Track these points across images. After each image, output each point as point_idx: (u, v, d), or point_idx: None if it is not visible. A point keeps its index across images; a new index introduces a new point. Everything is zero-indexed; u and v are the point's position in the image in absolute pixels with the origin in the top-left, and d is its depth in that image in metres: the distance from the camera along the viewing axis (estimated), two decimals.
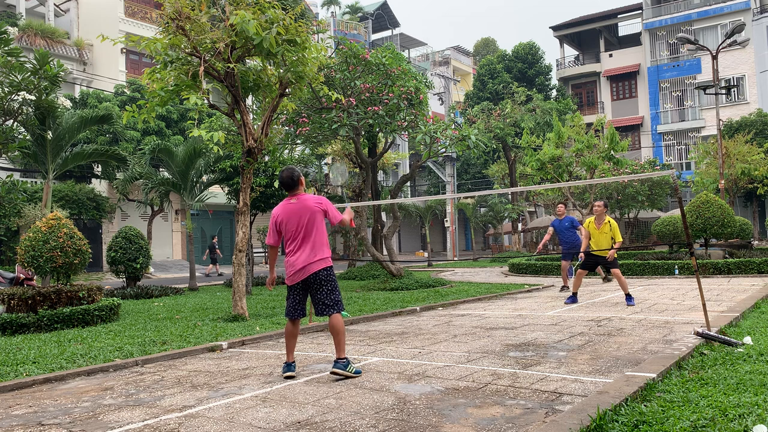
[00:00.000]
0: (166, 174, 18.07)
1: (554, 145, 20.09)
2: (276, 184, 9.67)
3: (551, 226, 12.79)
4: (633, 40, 44.33)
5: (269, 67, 9.25)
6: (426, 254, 36.88)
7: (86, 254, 9.92)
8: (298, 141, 17.13)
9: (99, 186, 27.07)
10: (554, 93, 43.10)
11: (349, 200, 24.59)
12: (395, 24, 49.82)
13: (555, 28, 45.44)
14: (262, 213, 17.29)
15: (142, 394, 4.91)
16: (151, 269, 25.24)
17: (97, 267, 25.81)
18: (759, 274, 14.40)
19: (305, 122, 15.24)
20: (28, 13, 31.51)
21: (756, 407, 3.63)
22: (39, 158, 14.36)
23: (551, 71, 43.51)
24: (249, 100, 12.97)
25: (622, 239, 10.55)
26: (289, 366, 5.34)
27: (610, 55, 43.46)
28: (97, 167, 25.26)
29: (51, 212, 11.01)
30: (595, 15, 44.76)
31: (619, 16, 44.13)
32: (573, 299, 10.59)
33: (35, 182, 24.24)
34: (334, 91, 10.51)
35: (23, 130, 14.52)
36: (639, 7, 42.41)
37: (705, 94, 31.48)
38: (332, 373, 5.07)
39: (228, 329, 8.09)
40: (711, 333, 5.99)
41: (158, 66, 8.81)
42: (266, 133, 9.45)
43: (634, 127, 41.80)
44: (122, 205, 26.15)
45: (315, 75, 9.19)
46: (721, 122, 25.02)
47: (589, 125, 29.74)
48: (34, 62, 12.77)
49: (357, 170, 22.47)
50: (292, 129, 16.24)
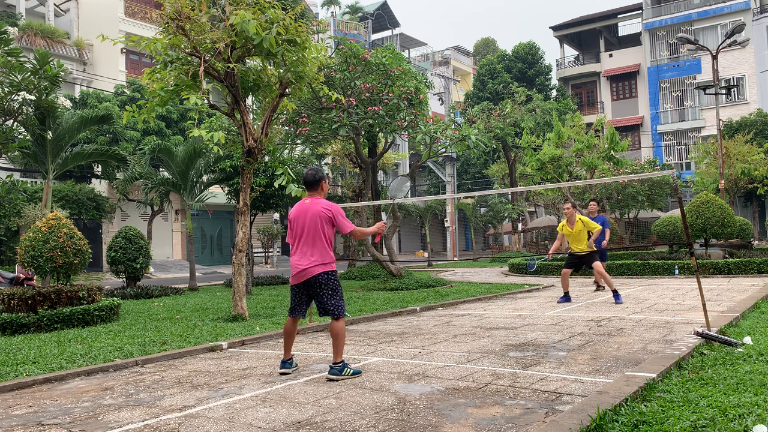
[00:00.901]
0: (166, 174, 18.07)
1: (554, 145, 20.09)
2: (276, 184, 9.67)
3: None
4: (633, 40, 44.33)
5: (269, 67, 9.25)
6: (426, 254, 36.88)
7: (86, 254, 9.92)
8: (298, 141, 17.13)
9: (99, 186, 27.07)
10: (554, 93, 43.11)
11: (349, 200, 24.58)
12: (395, 24, 49.83)
13: (555, 28, 45.44)
14: (262, 213, 17.29)
15: (142, 394, 4.91)
16: (151, 269, 25.25)
17: (97, 267, 25.82)
18: (759, 274, 14.40)
19: (305, 122, 15.24)
20: (28, 13, 31.52)
21: (756, 407, 3.63)
22: (39, 158, 14.35)
23: (551, 71, 43.52)
24: (249, 100, 12.97)
25: (601, 227, 10.61)
26: (285, 363, 5.47)
27: (610, 55, 43.46)
28: (97, 167, 25.26)
29: (51, 212, 11.00)
30: (595, 15, 44.76)
31: (619, 16, 44.13)
32: (566, 298, 10.60)
33: (35, 182, 24.24)
34: (334, 91, 10.51)
35: (23, 130, 14.52)
36: (639, 7, 42.40)
37: (705, 94, 31.48)
38: (328, 380, 5.10)
39: (228, 329, 8.09)
40: (711, 333, 5.99)
41: (158, 66, 8.81)
42: (266, 133, 9.45)
43: (634, 127, 41.80)
44: (122, 205, 26.15)
45: (315, 75, 9.18)
46: (721, 122, 25.01)
47: (589, 125, 29.74)
48: (34, 62, 12.77)
49: (357, 170, 22.46)
50: (292, 129, 16.24)
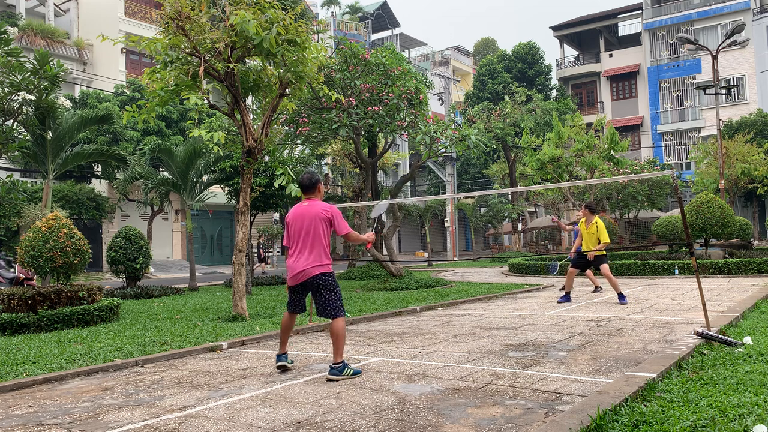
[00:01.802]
0: (166, 174, 18.07)
1: (554, 145, 20.09)
2: (276, 184, 9.67)
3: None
4: (633, 40, 44.33)
5: (269, 67, 9.25)
6: (426, 254, 36.87)
7: (86, 254, 9.92)
8: (298, 141, 17.14)
9: (99, 186, 27.06)
10: (554, 93, 43.10)
11: (349, 200, 24.57)
12: (395, 24, 49.83)
13: (555, 28, 45.44)
14: (262, 213, 17.29)
15: (142, 394, 4.91)
16: (151, 269, 25.23)
17: (97, 267, 25.81)
18: (759, 274, 14.40)
19: (305, 122, 15.24)
20: (28, 13, 31.51)
21: (756, 407, 3.63)
22: (39, 158, 14.35)
23: (551, 71, 43.52)
24: (249, 100, 12.97)
25: (609, 241, 10.59)
26: (280, 357, 5.53)
27: (610, 55, 43.45)
28: (97, 167, 25.25)
29: (51, 212, 11.00)
30: (595, 15, 44.76)
31: (619, 16, 44.13)
32: (566, 298, 10.61)
33: (35, 182, 24.23)
34: (334, 91, 10.51)
35: (23, 130, 14.51)
36: (639, 7, 42.40)
37: (705, 94, 31.47)
38: (328, 380, 5.10)
39: (228, 329, 8.09)
40: (711, 333, 5.99)
41: (158, 66, 8.81)
42: (266, 133, 9.45)
43: (634, 127, 41.80)
44: (122, 205, 26.14)
45: (315, 75, 9.19)
46: (721, 122, 25.01)
47: (589, 125, 29.75)
48: (34, 62, 12.76)
49: (357, 170, 22.46)
50: (292, 129, 16.25)
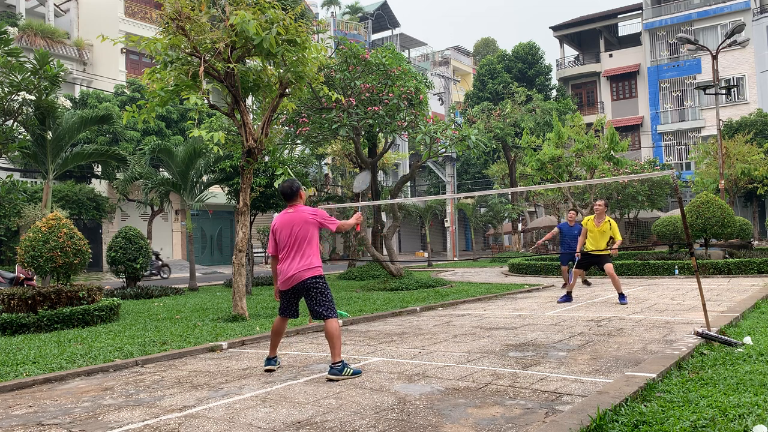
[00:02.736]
0: (166, 174, 18.07)
1: (554, 145, 20.08)
2: (276, 184, 9.69)
3: (558, 228, 13.18)
4: (633, 40, 44.32)
5: (269, 67, 9.25)
6: (426, 254, 36.87)
7: (86, 254, 9.92)
8: (298, 141, 17.14)
9: (99, 186, 27.06)
10: (554, 93, 43.09)
11: (349, 200, 24.60)
12: (395, 24, 49.82)
13: (555, 28, 45.43)
14: (262, 213, 17.28)
15: (142, 394, 4.91)
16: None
17: (97, 267, 25.82)
18: (759, 274, 14.39)
19: (305, 122, 15.24)
20: (28, 13, 31.51)
21: (756, 407, 3.63)
22: (39, 158, 14.35)
23: (551, 71, 43.50)
24: (249, 100, 12.96)
25: (622, 239, 10.60)
26: (270, 360, 5.58)
27: (610, 55, 43.44)
28: (97, 167, 25.25)
29: (51, 212, 11.00)
30: (595, 15, 44.75)
31: (619, 16, 44.11)
32: (567, 298, 10.60)
33: (35, 182, 24.23)
34: (334, 91, 10.51)
35: (23, 130, 14.51)
36: (639, 7, 42.39)
37: (705, 94, 31.47)
38: (328, 380, 5.10)
39: (228, 329, 8.09)
40: (711, 333, 5.99)
41: (158, 66, 8.81)
42: (266, 133, 9.45)
43: (634, 127, 41.79)
44: (122, 205, 26.15)
45: (315, 75, 9.19)
46: (721, 122, 25.01)
47: (589, 125, 29.71)
48: (34, 62, 12.76)
49: (357, 170, 22.48)
50: (292, 129, 16.25)
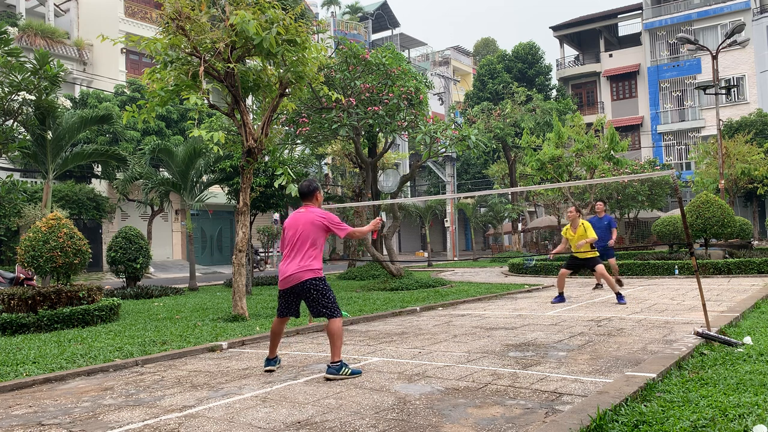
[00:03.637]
0: (166, 174, 18.06)
1: (554, 145, 20.08)
2: (276, 184, 9.69)
3: (588, 222, 12.33)
4: (633, 40, 44.32)
5: (269, 67, 9.25)
6: (426, 254, 36.87)
7: (86, 254, 9.91)
8: (298, 141, 17.14)
9: (99, 186, 27.05)
10: (554, 93, 43.09)
11: (349, 200, 24.57)
12: (395, 24, 49.81)
13: (555, 28, 45.44)
14: (262, 213, 17.28)
15: (142, 394, 4.91)
16: (151, 269, 25.23)
17: (97, 267, 25.81)
18: (759, 274, 14.39)
19: (305, 122, 15.24)
20: (28, 13, 31.50)
21: (756, 407, 3.63)
22: (39, 158, 14.35)
23: (551, 71, 43.51)
24: (249, 100, 12.97)
25: (597, 237, 10.64)
26: (270, 361, 5.55)
27: (610, 55, 43.45)
28: (97, 167, 25.24)
29: (51, 212, 11.00)
30: (595, 15, 44.76)
31: (619, 16, 44.12)
32: (560, 298, 10.60)
33: (35, 182, 24.23)
34: (334, 91, 10.51)
35: (23, 130, 14.51)
36: (639, 7, 42.40)
37: (705, 94, 31.47)
38: (326, 379, 5.10)
39: (228, 329, 8.09)
40: (711, 333, 5.99)
41: (158, 66, 8.81)
42: (266, 133, 9.45)
43: (634, 127, 41.79)
44: (122, 205, 26.13)
45: (315, 75, 9.19)
46: (721, 122, 25.01)
47: (589, 125, 29.70)
48: (34, 62, 12.76)
49: (357, 170, 22.46)
50: (292, 129, 16.24)
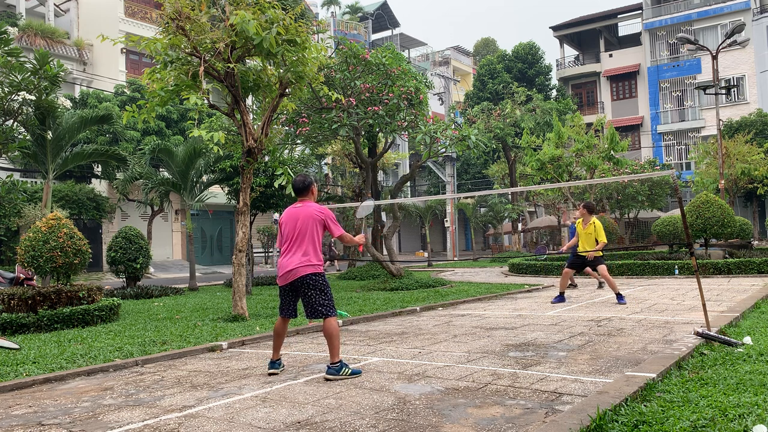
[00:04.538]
0: (166, 174, 18.06)
1: (554, 145, 20.09)
2: (276, 184, 9.68)
3: None
4: (633, 40, 44.32)
5: (269, 67, 9.25)
6: (426, 254, 36.88)
7: (86, 254, 9.91)
8: (298, 141, 17.14)
9: (99, 186, 27.06)
10: (554, 93, 43.09)
11: (349, 200, 24.57)
12: (395, 24, 49.82)
13: (555, 28, 45.44)
14: (262, 213, 17.28)
15: (142, 394, 4.91)
16: (151, 269, 25.23)
17: (97, 267, 25.81)
18: (759, 274, 14.39)
19: (305, 122, 15.24)
20: (28, 13, 31.51)
21: (756, 407, 3.63)
22: (39, 158, 14.35)
23: (551, 71, 43.51)
24: (249, 100, 12.97)
25: (607, 241, 10.53)
26: (273, 363, 5.50)
27: (610, 55, 43.45)
28: (97, 167, 25.24)
29: (51, 212, 11.00)
30: (595, 15, 44.76)
31: (619, 16, 44.12)
32: (560, 298, 10.60)
33: (35, 182, 24.23)
34: (334, 91, 10.51)
35: (23, 130, 14.51)
36: (639, 7, 42.40)
37: (705, 94, 31.47)
38: (326, 380, 5.10)
39: (228, 329, 8.09)
40: (711, 333, 5.98)
41: (158, 66, 8.81)
42: (266, 133, 9.45)
43: (634, 127, 41.79)
44: (122, 205, 26.14)
45: (315, 75, 9.18)
46: (721, 122, 25.01)
47: (589, 125, 29.73)
48: (34, 62, 12.76)
49: (357, 170, 22.47)
50: (292, 129, 16.25)
